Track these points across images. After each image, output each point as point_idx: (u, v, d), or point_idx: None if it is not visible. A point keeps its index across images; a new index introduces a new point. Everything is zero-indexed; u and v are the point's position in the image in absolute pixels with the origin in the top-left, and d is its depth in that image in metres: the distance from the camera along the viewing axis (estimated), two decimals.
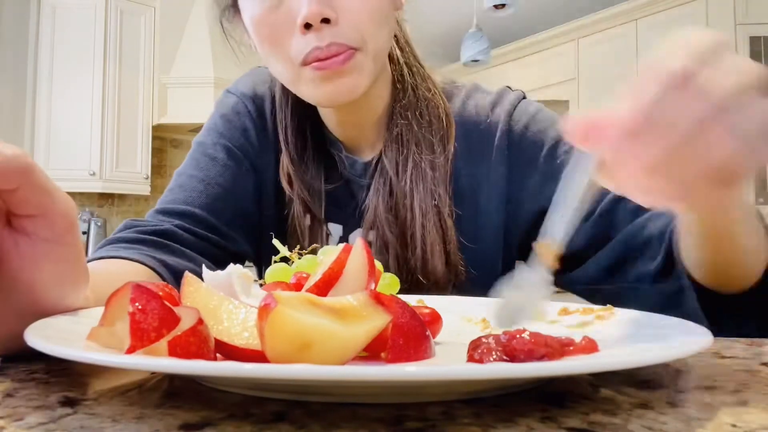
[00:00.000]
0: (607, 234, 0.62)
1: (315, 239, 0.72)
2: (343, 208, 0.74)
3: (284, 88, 0.73)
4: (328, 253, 0.41)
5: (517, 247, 0.72)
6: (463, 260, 0.68)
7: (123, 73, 3.86)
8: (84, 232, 3.71)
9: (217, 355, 0.29)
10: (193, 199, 0.68)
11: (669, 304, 0.54)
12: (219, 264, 0.57)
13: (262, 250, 0.75)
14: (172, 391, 0.29)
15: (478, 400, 0.26)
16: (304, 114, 0.73)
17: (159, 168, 4.17)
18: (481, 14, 3.22)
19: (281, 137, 0.73)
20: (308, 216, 0.72)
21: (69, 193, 0.35)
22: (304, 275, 0.42)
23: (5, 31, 3.67)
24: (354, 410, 0.25)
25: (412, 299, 0.46)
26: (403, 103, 0.70)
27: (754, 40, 3.45)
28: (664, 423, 0.23)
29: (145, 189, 3.97)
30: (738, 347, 0.40)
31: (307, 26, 0.58)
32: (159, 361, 0.25)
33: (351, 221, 0.73)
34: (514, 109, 0.71)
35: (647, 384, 0.30)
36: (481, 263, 0.70)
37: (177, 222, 0.65)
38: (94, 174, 3.74)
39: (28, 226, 0.33)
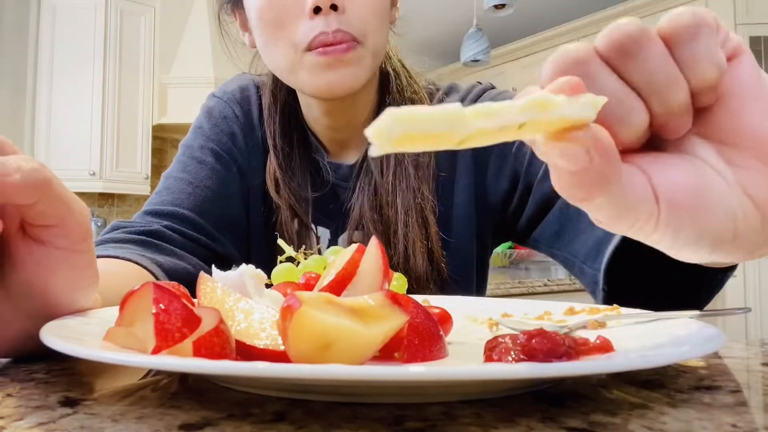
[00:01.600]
0: (554, 194, 0.65)
1: (303, 243, 0.72)
2: (330, 213, 0.74)
3: (273, 94, 0.74)
4: (339, 253, 0.41)
5: (491, 236, 0.75)
6: (445, 256, 0.70)
7: (123, 73, 3.86)
8: None
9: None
10: (181, 200, 0.68)
11: (591, 290, 0.57)
12: (207, 266, 0.57)
13: (250, 253, 0.75)
14: (173, 391, 0.29)
15: (478, 401, 0.26)
16: (291, 121, 0.74)
17: (159, 168, 4.16)
18: (481, 14, 3.22)
19: (270, 142, 0.73)
20: (296, 221, 0.72)
21: None
22: (313, 275, 0.42)
23: (5, 31, 3.67)
24: (354, 410, 0.25)
25: (417, 299, 0.46)
26: (389, 105, 0.72)
27: (754, 40, 3.44)
28: (664, 423, 0.23)
29: (145, 189, 3.97)
30: (738, 347, 0.40)
31: (316, 11, 0.61)
32: (193, 362, 0.24)
33: (337, 225, 0.74)
34: (476, 99, 0.74)
35: (647, 384, 0.30)
36: (457, 256, 0.72)
37: (165, 222, 0.65)
38: (94, 174, 3.74)
39: (43, 236, 0.33)
